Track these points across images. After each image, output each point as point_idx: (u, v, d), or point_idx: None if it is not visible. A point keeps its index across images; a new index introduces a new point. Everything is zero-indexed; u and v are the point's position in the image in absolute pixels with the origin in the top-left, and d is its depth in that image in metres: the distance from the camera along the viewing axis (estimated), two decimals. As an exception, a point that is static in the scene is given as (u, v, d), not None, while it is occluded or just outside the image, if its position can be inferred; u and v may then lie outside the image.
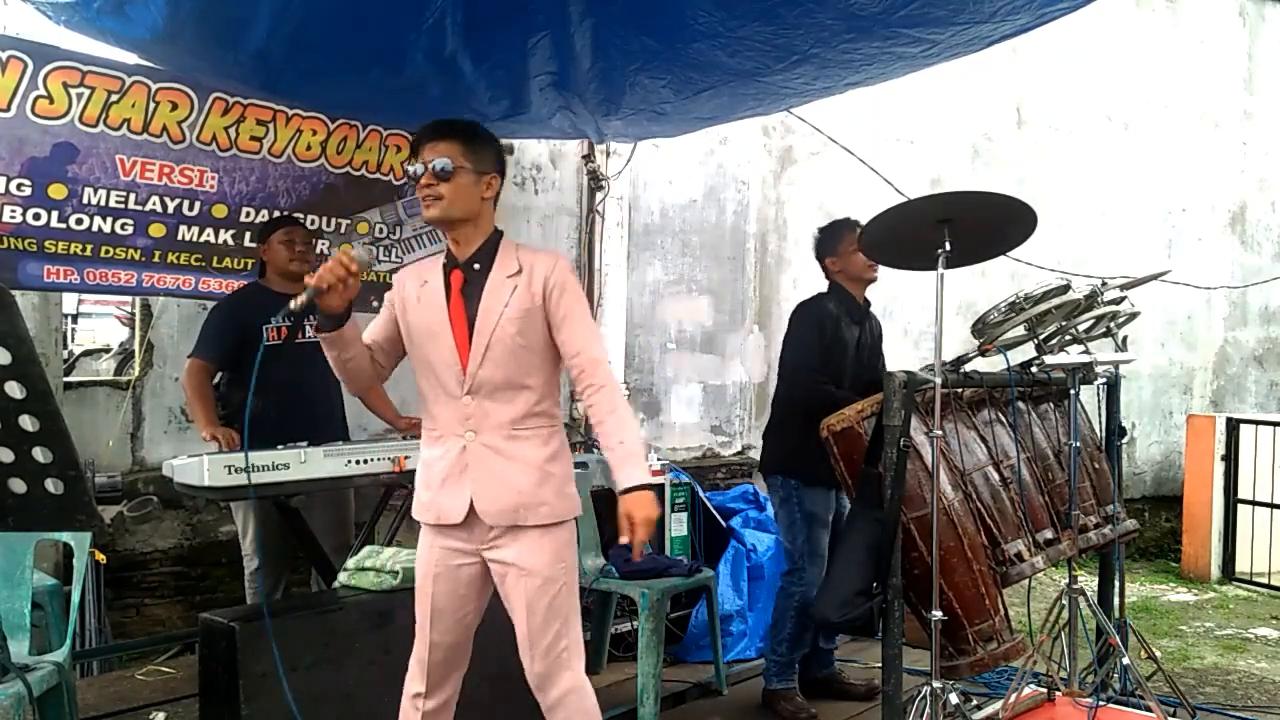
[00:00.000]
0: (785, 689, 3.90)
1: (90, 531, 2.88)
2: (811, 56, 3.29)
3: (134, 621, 4.42)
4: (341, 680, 3.06)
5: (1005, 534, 3.30)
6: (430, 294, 2.50)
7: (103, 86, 3.59)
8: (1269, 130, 8.51)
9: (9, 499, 1.95)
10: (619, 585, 3.94)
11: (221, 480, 3.10)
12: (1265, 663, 5.01)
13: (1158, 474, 8.14)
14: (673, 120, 4.18)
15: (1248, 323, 8.58)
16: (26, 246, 3.60)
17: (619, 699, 3.91)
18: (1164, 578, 7.02)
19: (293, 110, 4.06)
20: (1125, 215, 7.79)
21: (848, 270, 3.87)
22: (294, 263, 3.81)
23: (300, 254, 3.83)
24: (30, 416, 1.89)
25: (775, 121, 6.28)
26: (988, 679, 4.04)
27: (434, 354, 2.48)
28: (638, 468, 2.40)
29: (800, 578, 3.80)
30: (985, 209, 3.06)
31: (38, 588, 2.96)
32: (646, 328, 5.94)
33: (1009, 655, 3.26)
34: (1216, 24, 8.25)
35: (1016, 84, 7.31)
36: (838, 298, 3.88)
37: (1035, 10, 2.98)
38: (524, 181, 5.48)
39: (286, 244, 3.81)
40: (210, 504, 4.45)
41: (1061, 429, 3.72)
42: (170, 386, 4.51)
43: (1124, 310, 3.58)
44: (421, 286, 2.51)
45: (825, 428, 3.28)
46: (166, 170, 3.82)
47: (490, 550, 2.49)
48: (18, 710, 2.47)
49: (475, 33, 3.31)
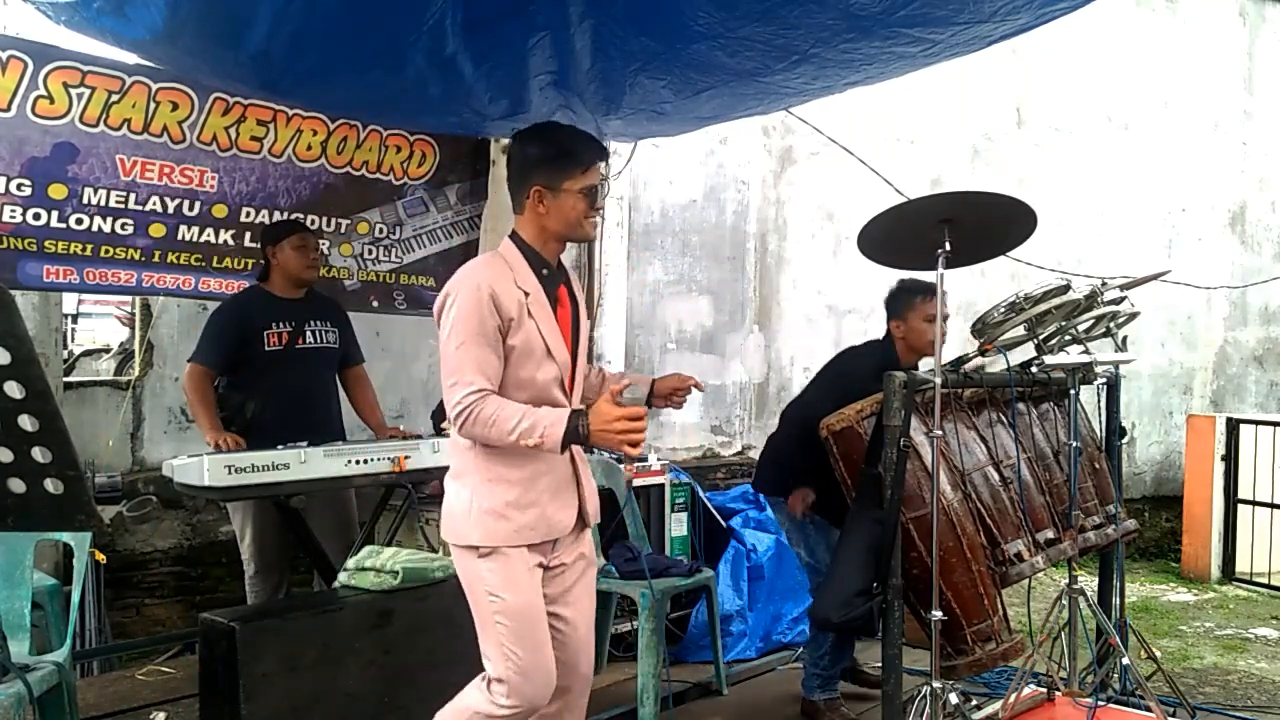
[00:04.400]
0: (830, 699, 3.82)
1: (90, 531, 2.89)
2: (811, 56, 3.28)
3: (134, 621, 4.43)
4: (341, 680, 3.06)
5: (1005, 534, 3.30)
6: (538, 308, 2.42)
7: (103, 86, 3.59)
8: (1269, 130, 8.51)
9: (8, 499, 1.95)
10: (619, 585, 3.94)
11: (221, 480, 3.10)
12: (1265, 663, 5.01)
13: (1158, 474, 8.14)
14: (673, 120, 4.18)
15: (1248, 323, 8.58)
16: (26, 246, 3.60)
17: (619, 699, 3.92)
18: (1164, 578, 7.02)
19: (293, 110, 4.07)
20: (1125, 215, 7.79)
21: (910, 338, 3.74)
22: (308, 270, 3.81)
23: (314, 261, 3.83)
24: (29, 416, 1.89)
25: (775, 121, 6.28)
26: (988, 679, 4.04)
27: (548, 370, 2.42)
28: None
29: None
30: (985, 209, 3.06)
31: (38, 588, 2.97)
32: (646, 328, 5.94)
33: (1008, 655, 3.26)
34: (1216, 24, 8.25)
35: (1016, 84, 7.31)
36: (887, 358, 3.67)
37: (1035, 10, 2.97)
38: (524, 181, 5.48)
39: (300, 250, 3.81)
40: (210, 504, 4.45)
41: (1062, 429, 3.72)
42: (170, 386, 4.52)
43: (1124, 310, 3.58)
44: (526, 299, 2.40)
45: (825, 428, 3.28)
46: (166, 170, 3.82)
47: (562, 552, 2.50)
48: (18, 710, 2.47)
49: (475, 33, 3.31)
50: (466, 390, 2.30)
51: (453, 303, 2.36)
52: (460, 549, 2.41)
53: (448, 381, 2.34)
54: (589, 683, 2.58)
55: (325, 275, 4.23)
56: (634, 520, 4.33)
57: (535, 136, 2.50)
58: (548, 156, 2.43)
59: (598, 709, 3.82)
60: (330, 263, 4.38)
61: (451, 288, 2.39)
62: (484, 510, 2.37)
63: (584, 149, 2.46)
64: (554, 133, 2.53)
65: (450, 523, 2.43)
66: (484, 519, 2.37)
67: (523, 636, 2.36)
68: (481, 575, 2.38)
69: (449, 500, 2.45)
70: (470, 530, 2.38)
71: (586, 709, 2.63)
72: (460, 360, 2.32)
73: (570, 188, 2.42)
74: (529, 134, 2.53)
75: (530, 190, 2.44)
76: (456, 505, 2.42)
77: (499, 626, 2.35)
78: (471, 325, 2.32)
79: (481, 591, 2.37)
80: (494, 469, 2.38)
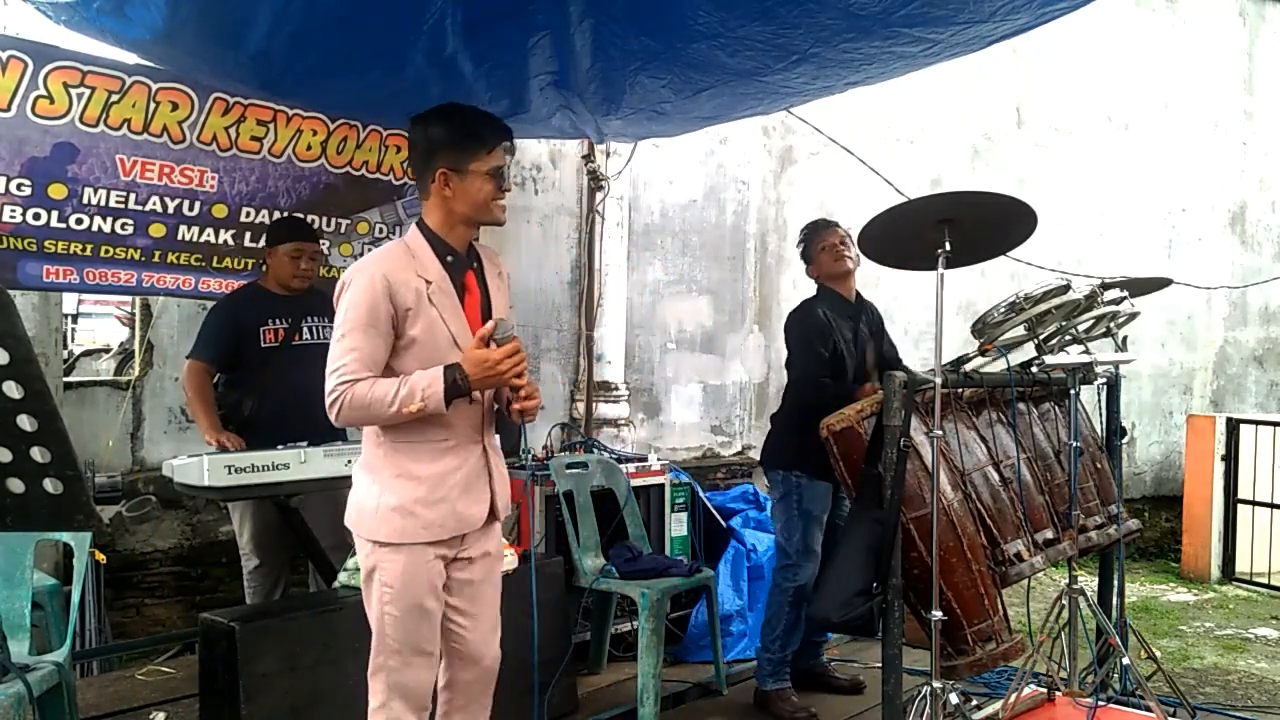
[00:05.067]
0: (781, 689, 3.90)
1: (90, 531, 2.88)
2: (811, 56, 3.28)
3: (134, 621, 4.43)
4: (341, 680, 3.05)
5: (1005, 534, 3.30)
6: (442, 296, 2.39)
7: (103, 86, 3.59)
8: (1269, 130, 8.52)
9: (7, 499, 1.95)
10: (619, 585, 3.94)
11: (221, 480, 3.10)
12: (1265, 663, 5.01)
13: (1158, 474, 8.14)
14: (673, 120, 4.18)
15: (1248, 323, 8.58)
16: (26, 246, 3.60)
17: (619, 699, 3.92)
18: (1164, 578, 7.02)
19: (293, 110, 4.06)
20: (1125, 215, 7.79)
21: (822, 271, 3.97)
22: (296, 279, 3.81)
23: (304, 272, 3.82)
24: (28, 416, 1.89)
25: (775, 121, 6.28)
26: (988, 679, 4.04)
27: (453, 360, 2.35)
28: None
29: (795, 573, 3.81)
30: (985, 209, 3.06)
31: (38, 588, 2.97)
32: (646, 328, 5.94)
33: (1008, 655, 3.25)
34: (1216, 24, 8.25)
35: (1016, 84, 7.31)
36: (826, 301, 3.92)
37: (1035, 10, 2.98)
38: (524, 181, 5.48)
39: (293, 259, 3.80)
40: (210, 504, 4.45)
41: (1062, 429, 3.72)
42: (170, 386, 4.52)
43: (1124, 310, 3.57)
44: (428, 287, 2.36)
45: (825, 428, 3.28)
46: (166, 170, 3.82)
47: (469, 546, 2.48)
48: (18, 710, 2.47)
49: (475, 33, 3.31)
50: (338, 380, 2.28)
51: (346, 291, 2.33)
52: (363, 540, 2.42)
53: (327, 371, 2.31)
54: (494, 676, 2.59)
55: (325, 275, 4.22)
56: (634, 520, 4.33)
57: (438, 118, 2.43)
58: (452, 138, 2.39)
59: (598, 709, 3.83)
60: (330, 263, 4.38)
61: (348, 276, 2.35)
62: (391, 507, 2.36)
63: (488, 129, 2.42)
64: (457, 114, 2.45)
65: (357, 515, 2.42)
66: (391, 516, 2.36)
67: (408, 630, 2.38)
68: (379, 565, 2.38)
69: (357, 491, 2.43)
70: (377, 526, 2.37)
71: (590, 710, 2.63)
72: (339, 350, 2.30)
73: (477, 169, 2.38)
74: (430, 116, 2.45)
75: (435, 173, 2.39)
76: (365, 499, 2.40)
77: (387, 616, 2.37)
78: (360, 314, 2.28)
79: (376, 580, 2.38)
80: (403, 465, 2.37)
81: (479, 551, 2.51)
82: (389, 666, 2.39)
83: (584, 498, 4.20)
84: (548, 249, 5.58)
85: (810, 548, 3.82)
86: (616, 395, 5.60)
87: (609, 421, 5.54)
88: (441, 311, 2.37)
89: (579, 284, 5.68)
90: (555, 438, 4.95)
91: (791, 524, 3.83)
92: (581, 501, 4.18)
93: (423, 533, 2.37)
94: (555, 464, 4.20)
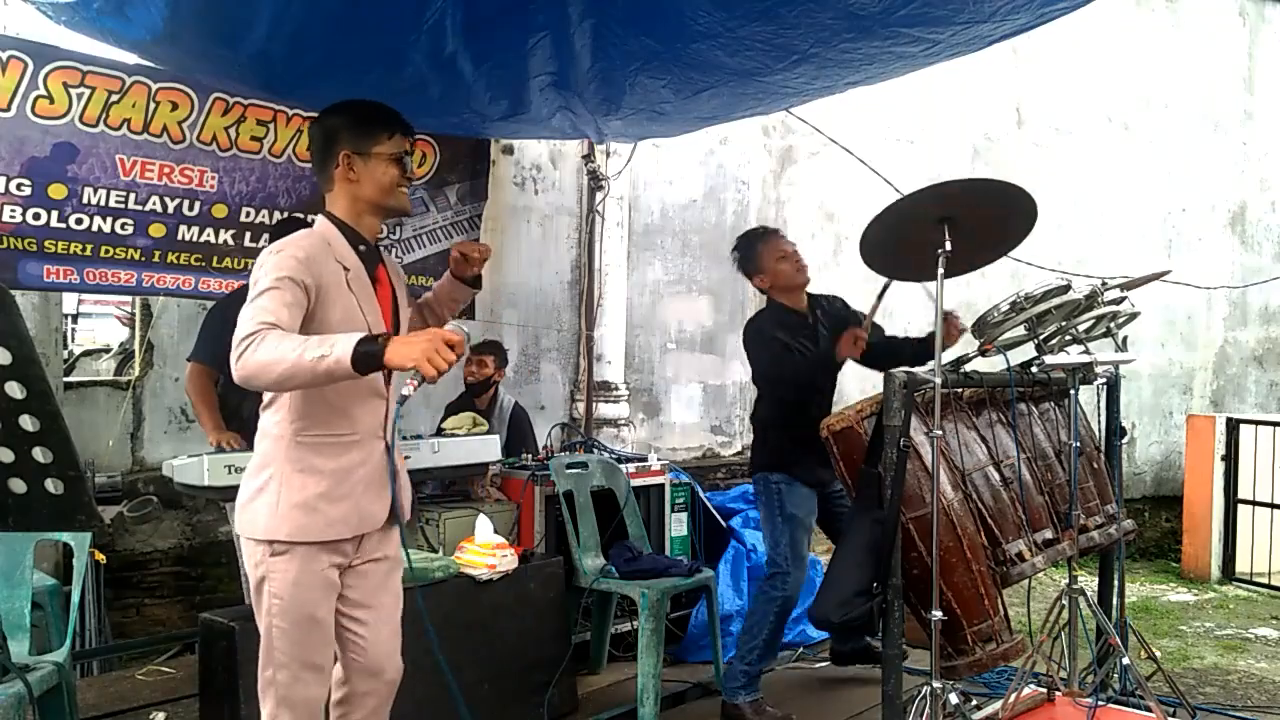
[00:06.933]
0: (754, 700, 3.72)
1: (90, 531, 2.88)
2: (811, 56, 3.28)
3: (134, 621, 4.43)
4: (341, 680, 3.05)
5: (1005, 534, 3.30)
6: (359, 284, 2.33)
7: (103, 86, 3.59)
8: (1269, 130, 8.52)
9: (9, 499, 1.95)
10: (619, 585, 3.93)
11: (221, 480, 3.11)
12: (1265, 663, 5.01)
13: (1158, 474, 8.14)
14: (673, 120, 4.18)
15: (1248, 323, 8.58)
16: (26, 246, 3.60)
17: (619, 699, 3.92)
18: (1164, 578, 7.02)
19: (293, 110, 4.07)
20: (1125, 215, 7.79)
21: (779, 282, 3.76)
22: None
23: None
24: (30, 416, 1.90)
25: (775, 121, 6.28)
26: (988, 679, 4.04)
27: None
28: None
29: (784, 581, 3.71)
30: (984, 200, 3.02)
31: (38, 588, 2.97)
32: (646, 328, 5.94)
33: (1008, 655, 3.25)
34: (1216, 24, 8.25)
35: (1016, 84, 7.31)
36: (775, 317, 3.74)
37: (1035, 10, 2.98)
38: (524, 181, 5.48)
39: None
40: (210, 504, 4.45)
41: (1062, 429, 3.72)
42: (170, 386, 4.52)
43: (1124, 310, 3.57)
44: (346, 274, 2.30)
45: (825, 428, 3.28)
46: (166, 170, 3.82)
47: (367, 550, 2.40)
48: (18, 710, 2.47)
49: (475, 33, 3.31)
50: (259, 322, 2.11)
51: (263, 262, 2.23)
52: (254, 542, 2.27)
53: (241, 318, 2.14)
54: (394, 687, 2.49)
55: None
56: (634, 520, 4.33)
57: (337, 107, 2.44)
58: (352, 121, 2.38)
59: (597, 709, 3.83)
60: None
61: (265, 254, 2.26)
62: (294, 504, 2.24)
63: (389, 115, 2.42)
64: (356, 102, 2.45)
65: (250, 515, 2.27)
66: (293, 514, 2.24)
67: (296, 643, 2.27)
68: (270, 573, 2.26)
69: (250, 489, 2.29)
70: (277, 525, 2.24)
71: (590, 709, 2.61)
72: (261, 300, 2.15)
73: (380, 152, 2.36)
74: (330, 108, 2.45)
75: (339, 156, 2.35)
76: (261, 497, 2.26)
77: (275, 628, 2.27)
78: (280, 276, 2.17)
79: (265, 590, 2.26)
80: (306, 459, 2.26)
81: (377, 555, 2.42)
82: (278, 681, 2.28)
83: (584, 498, 4.20)
84: (548, 249, 5.58)
85: (798, 554, 3.71)
86: (616, 395, 5.60)
87: (609, 421, 5.54)
88: (359, 299, 2.33)
89: (579, 284, 5.68)
90: (555, 438, 4.95)
91: (776, 529, 3.74)
92: (581, 501, 4.18)
93: (326, 530, 2.27)
94: (555, 464, 4.19)
